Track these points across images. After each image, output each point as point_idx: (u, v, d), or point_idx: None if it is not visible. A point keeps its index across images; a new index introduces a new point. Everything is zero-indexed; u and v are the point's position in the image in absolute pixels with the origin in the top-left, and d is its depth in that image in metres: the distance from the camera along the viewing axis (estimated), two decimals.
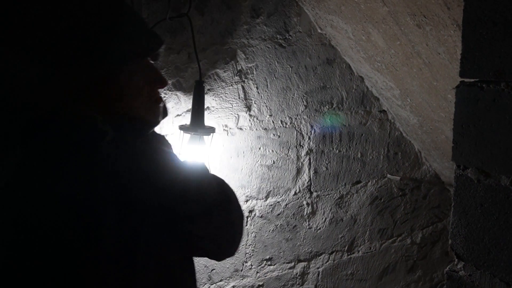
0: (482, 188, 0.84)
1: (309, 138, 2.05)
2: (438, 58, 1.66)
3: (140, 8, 1.61)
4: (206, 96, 1.68)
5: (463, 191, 0.87)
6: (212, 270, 1.92)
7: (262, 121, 1.92)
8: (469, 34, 0.85)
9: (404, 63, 1.81)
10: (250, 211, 1.97)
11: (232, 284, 1.97)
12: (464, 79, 0.87)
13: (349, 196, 2.23)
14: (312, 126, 2.05)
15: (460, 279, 0.89)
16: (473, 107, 0.85)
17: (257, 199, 1.97)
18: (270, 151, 1.96)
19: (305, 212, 2.11)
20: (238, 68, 1.82)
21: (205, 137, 1.63)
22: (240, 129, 1.88)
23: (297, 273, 2.15)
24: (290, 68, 1.94)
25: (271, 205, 2.01)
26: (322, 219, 2.16)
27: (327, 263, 2.23)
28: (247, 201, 1.95)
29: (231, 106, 1.83)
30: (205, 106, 1.66)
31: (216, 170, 1.82)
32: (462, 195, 0.87)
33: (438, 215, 2.54)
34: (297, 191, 2.07)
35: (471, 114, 0.85)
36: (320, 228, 2.17)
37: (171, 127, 1.71)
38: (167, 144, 1.11)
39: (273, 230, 2.04)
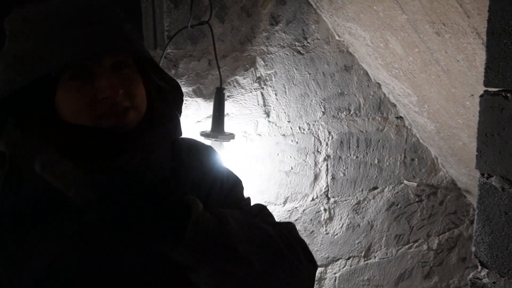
0: (506, 196, 0.85)
1: (327, 144, 2.06)
2: (456, 66, 1.67)
3: (162, 16, 1.64)
4: (225, 103, 1.70)
5: (487, 199, 0.88)
6: None
7: (281, 127, 1.94)
8: (493, 44, 0.86)
9: (422, 70, 1.82)
10: None
11: None
12: (488, 89, 0.88)
13: (366, 202, 2.24)
14: (329, 132, 2.06)
15: (483, 286, 0.90)
16: (497, 116, 0.86)
17: (275, 204, 1.98)
18: (288, 157, 1.98)
19: (322, 218, 2.12)
20: (257, 75, 1.84)
21: (225, 143, 1.66)
22: (259, 135, 1.89)
23: None
24: (308, 75, 1.96)
25: (289, 210, 2.02)
26: (339, 224, 2.17)
27: (344, 268, 2.24)
28: None
29: (250, 112, 1.85)
30: (225, 113, 1.69)
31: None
32: (486, 203, 0.88)
33: (454, 221, 2.54)
34: (314, 197, 2.08)
35: (495, 123, 0.86)
36: (337, 234, 2.18)
37: (192, 133, 1.73)
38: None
39: None
